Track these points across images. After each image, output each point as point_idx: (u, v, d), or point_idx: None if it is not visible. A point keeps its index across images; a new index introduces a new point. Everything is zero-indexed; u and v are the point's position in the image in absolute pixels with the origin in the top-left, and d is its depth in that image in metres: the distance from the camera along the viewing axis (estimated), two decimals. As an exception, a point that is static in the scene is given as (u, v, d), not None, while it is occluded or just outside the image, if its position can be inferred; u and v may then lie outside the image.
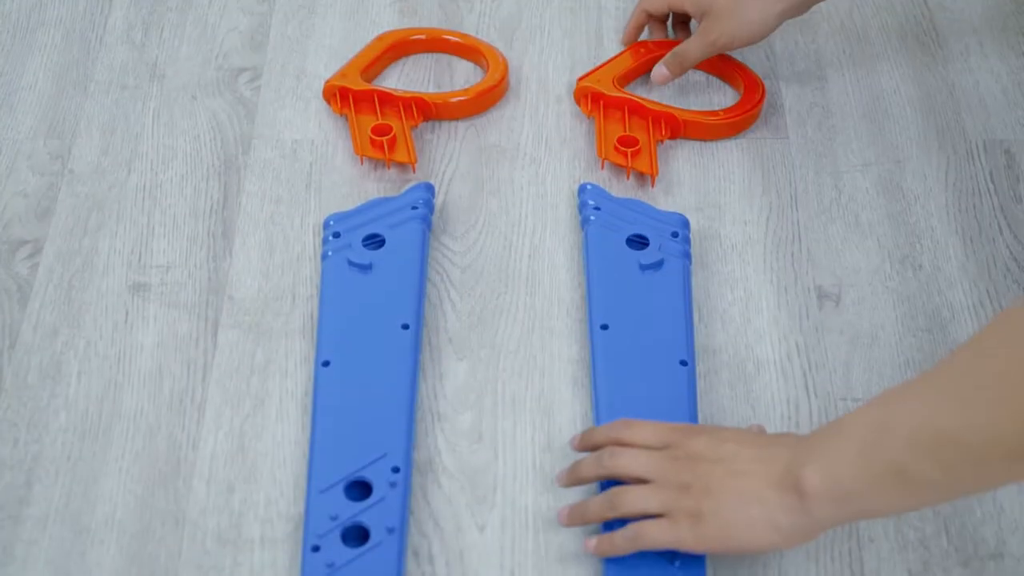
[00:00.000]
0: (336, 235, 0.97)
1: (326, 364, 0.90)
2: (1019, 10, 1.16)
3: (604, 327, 0.91)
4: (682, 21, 1.14)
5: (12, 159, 1.06)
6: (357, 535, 0.82)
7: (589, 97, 1.07)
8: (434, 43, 1.14)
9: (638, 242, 0.96)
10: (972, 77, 1.11)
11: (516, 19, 1.17)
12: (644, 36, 1.15)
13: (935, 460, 0.69)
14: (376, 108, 1.07)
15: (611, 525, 0.80)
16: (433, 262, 0.98)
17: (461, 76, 1.13)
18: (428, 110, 1.07)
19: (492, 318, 0.95)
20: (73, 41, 1.16)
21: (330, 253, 0.96)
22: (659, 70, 1.08)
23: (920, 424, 0.70)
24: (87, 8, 1.19)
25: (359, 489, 0.84)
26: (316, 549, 0.81)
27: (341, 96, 1.08)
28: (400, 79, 1.13)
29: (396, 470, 0.84)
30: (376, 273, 0.95)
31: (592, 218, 0.98)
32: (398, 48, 1.14)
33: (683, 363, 0.89)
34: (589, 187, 1.00)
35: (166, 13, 1.18)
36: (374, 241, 0.97)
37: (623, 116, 1.06)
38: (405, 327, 0.91)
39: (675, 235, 0.97)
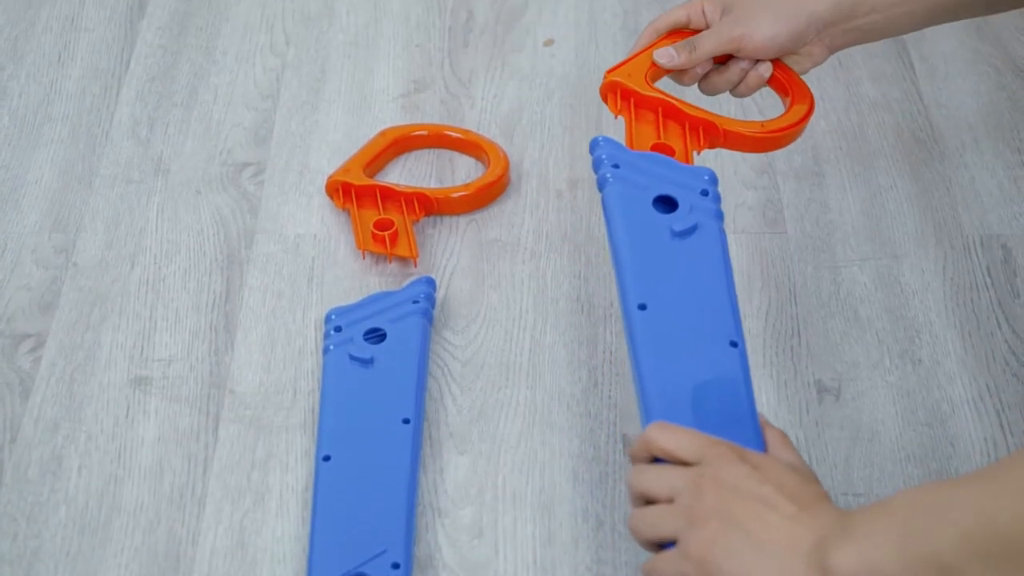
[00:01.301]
0: (337, 329, 0.98)
1: (327, 459, 0.90)
2: (1014, 107, 1.18)
3: (642, 307, 0.82)
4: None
5: (17, 253, 1.07)
6: (357, 632, 0.81)
7: (619, 94, 0.96)
8: (436, 139, 1.16)
9: (665, 204, 0.87)
10: (968, 173, 1.12)
11: (517, 115, 1.19)
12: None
13: (986, 562, 0.63)
14: (378, 203, 1.08)
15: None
16: (434, 356, 0.99)
17: (462, 171, 1.14)
18: (430, 205, 1.08)
19: (493, 412, 0.95)
20: (79, 136, 1.17)
21: (331, 347, 0.97)
22: (667, 51, 0.97)
23: (976, 519, 0.64)
24: (93, 104, 1.20)
25: (359, 585, 0.83)
26: (315, 646, 0.80)
27: (344, 191, 1.09)
28: (402, 174, 1.14)
29: (396, 566, 0.83)
30: (377, 367, 0.95)
31: (610, 177, 0.88)
32: (400, 144, 1.15)
33: (733, 344, 0.81)
34: (602, 141, 0.90)
35: (171, 109, 1.20)
36: (375, 335, 0.97)
37: (656, 119, 0.95)
38: (406, 421, 0.91)
39: (705, 193, 0.87)
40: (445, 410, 0.95)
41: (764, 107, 1.16)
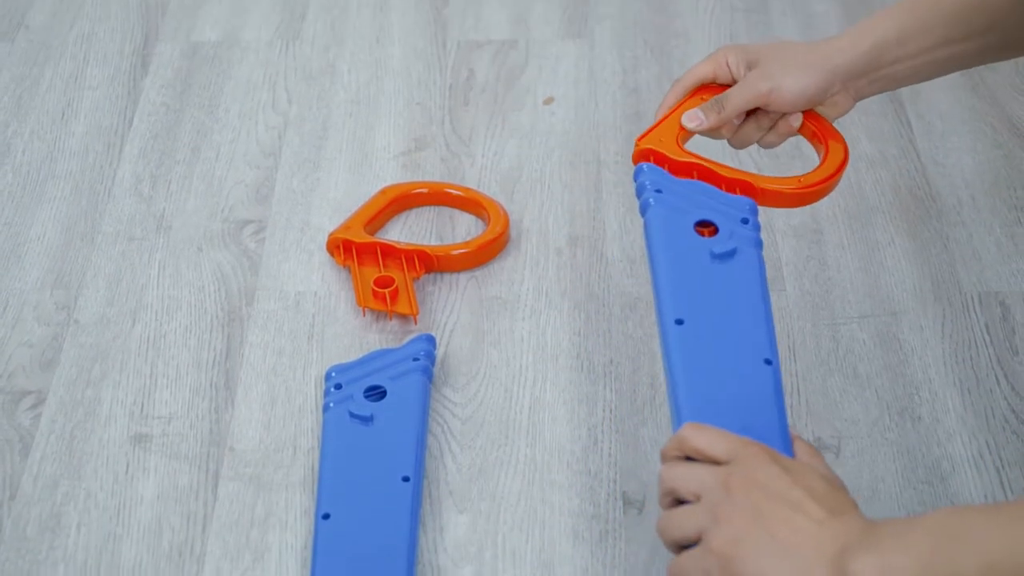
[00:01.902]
0: (338, 387, 0.98)
1: (326, 517, 0.89)
2: (1010, 165, 1.19)
3: (679, 322, 0.84)
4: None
5: (19, 309, 1.07)
6: None
7: (652, 160, 0.96)
8: (436, 196, 1.16)
9: (705, 228, 0.89)
10: (966, 230, 1.13)
11: (517, 173, 1.19)
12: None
13: None
14: (379, 260, 1.09)
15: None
16: (434, 413, 0.99)
17: (463, 228, 1.15)
18: (430, 262, 1.09)
19: (493, 470, 0.95)
20: (82, 193, 1.18)
21: (332, 405, 0.97)
22: (695, 114, 0.97)
23: (1003, 550, 0.64)
24: (96, 161, 1.21)
25: (358, 645, 0.83)
26: None
27: (344, 248, 1.09)
28: (403, 231, 1.14)
29: (395, 625, 0.83)
30: (377, 425, 0.95)
31: (652, 201, 0.90)
32: (401, 201, 1.16)
33: (767, 362, 0.82)
34: (647, 168, 0.92)
35: (174, 166, 1.20)
36: (375, 393, 0.97)
37: None
38: (406, 479, 0.91)
39: (745, 221, 0.89)
40: (445, 468, 0.95)
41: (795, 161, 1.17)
